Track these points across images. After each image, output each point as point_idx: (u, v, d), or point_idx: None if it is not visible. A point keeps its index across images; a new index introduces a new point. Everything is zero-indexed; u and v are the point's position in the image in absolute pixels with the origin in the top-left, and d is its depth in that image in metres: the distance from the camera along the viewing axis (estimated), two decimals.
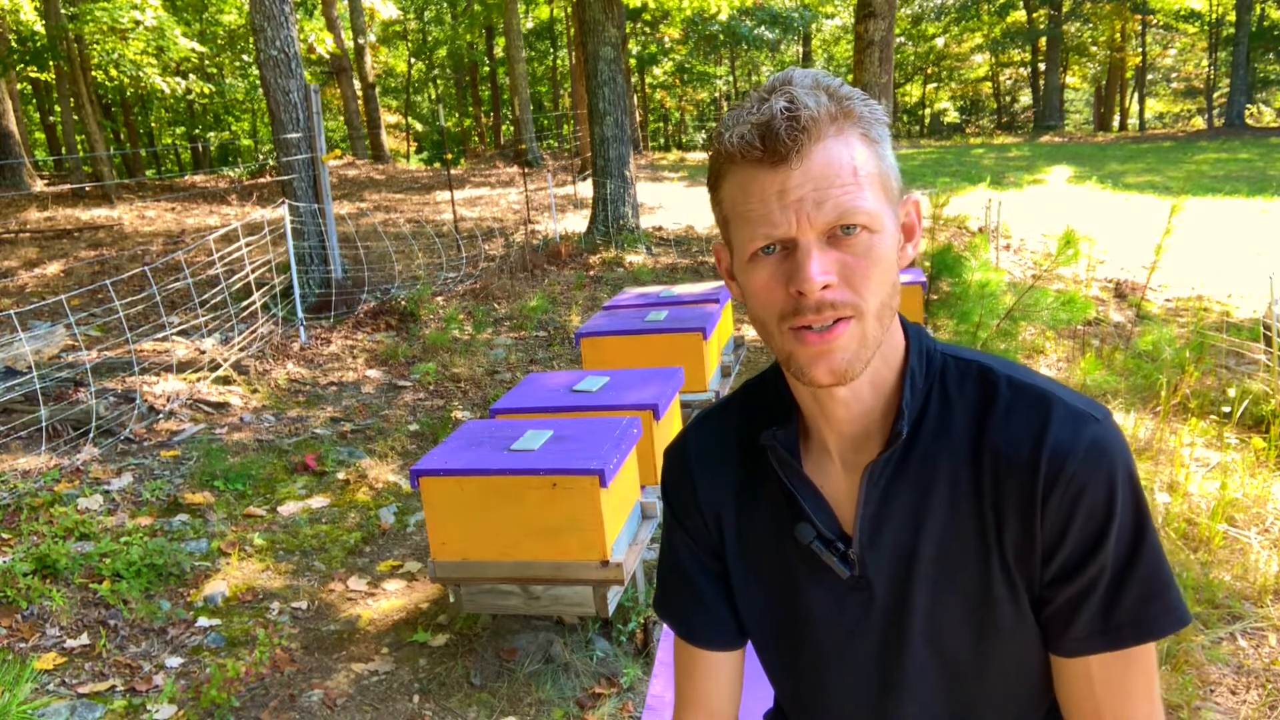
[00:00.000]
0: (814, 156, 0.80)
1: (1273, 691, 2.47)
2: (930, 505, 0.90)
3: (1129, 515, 0.85)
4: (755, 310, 0.87)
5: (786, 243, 0.82)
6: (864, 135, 0.84)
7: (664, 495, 1.09)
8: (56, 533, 3.68)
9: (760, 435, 0.97)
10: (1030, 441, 0.85)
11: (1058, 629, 0.88)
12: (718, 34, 25.44)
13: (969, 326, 4.92)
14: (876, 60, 6.80)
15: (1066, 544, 0.85)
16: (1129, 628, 0.85)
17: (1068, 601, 0.87)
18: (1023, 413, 0.87)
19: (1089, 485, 0.83)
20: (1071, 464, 0.83)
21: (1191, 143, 22.56)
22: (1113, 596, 0.85)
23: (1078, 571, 0.85)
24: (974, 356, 0.94)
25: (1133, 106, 35.64)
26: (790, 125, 0.80)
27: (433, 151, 25.31)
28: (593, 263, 9.15)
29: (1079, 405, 0.86)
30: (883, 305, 0.84)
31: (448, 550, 2.86)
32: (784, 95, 0.81)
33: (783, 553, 0.97)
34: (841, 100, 0.82)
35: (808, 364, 0.84)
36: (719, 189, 0.88)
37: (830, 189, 0.80)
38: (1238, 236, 9.91)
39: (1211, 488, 3.55)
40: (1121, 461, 0.84)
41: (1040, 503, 0.85)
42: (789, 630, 1.00)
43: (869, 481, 0.91)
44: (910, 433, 0.90)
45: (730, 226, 0.88)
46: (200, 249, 8.48)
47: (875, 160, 0.84)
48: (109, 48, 13.31)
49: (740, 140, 0.82)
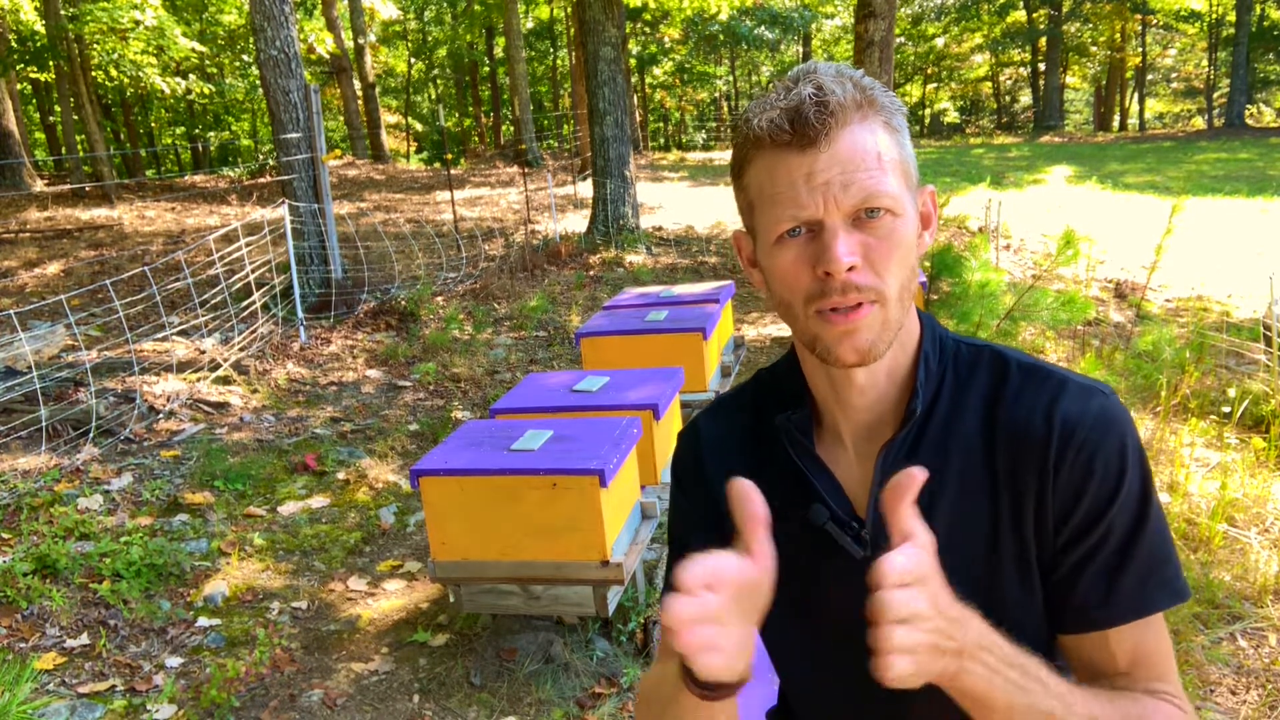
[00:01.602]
0: (841, 141, 0.83)
1: (1273, 691, 2.47)
2: (942, 485, 0.91)
3: (1136, 486, 0.88)
4: (780, 293, 0.89)
5: (813, 225, 0.84)
6: (886, 124, 0.86)
7: (673, 474, 1.11)
8: (56, 533, 3.68)
9: (774, 419, 0.99)
10: (1042, 415, 0.89)
11: (1059, 599, 0.90)
12: (718, 34, 25.42)
13: (969, 326, 4.92)
14: (876, 60, 6.80)
15: (1078, 510, 0.88)
16: (1128, 602, 0.88)
17: (1070, 569, 0.89)
18: (1033, 391, 0.91)
19: (1099, 452, 0.87)
20: (1082, 431, 0.87)
21: (1191, 143, 22.56)
22: (1115, 567, 0.88)
23: (1084, 537, 0.88)
24: (985, 343, 0.98)
25: (1133, 106, 35.65)
26: (819, 110, 0.82)
27: (433, 151, 25.31)
28: (593, 263, 9.15)
29: (1086, 382, 0.91)
30: (903, 288, 0.86)
31: (448, 550, 2.86)
32: (811, 82, 0.84)
33: (794, 536, 0.98)
34: (865, 89, 0.85)
35: (833, 344, 0.86)
36: (744, 174, 0.90)
37: (856, 172, 0.82)
38: (1238, 236, 9.91)
39: (1211, 488, 3.55)
40: (1130, 433, 0.88)
41: (1053, 471, 0.88)
42: (801, 613, 1.01)
43: (883, 461, 0.92)
44: (924, 414, 0.93)
45: (755, 211, 0.90)
46: (200, 249, 8.48)
47: (897, 148, 0.86)
48: (109, 48, 13.32)
49: (770, 124, 0.84)
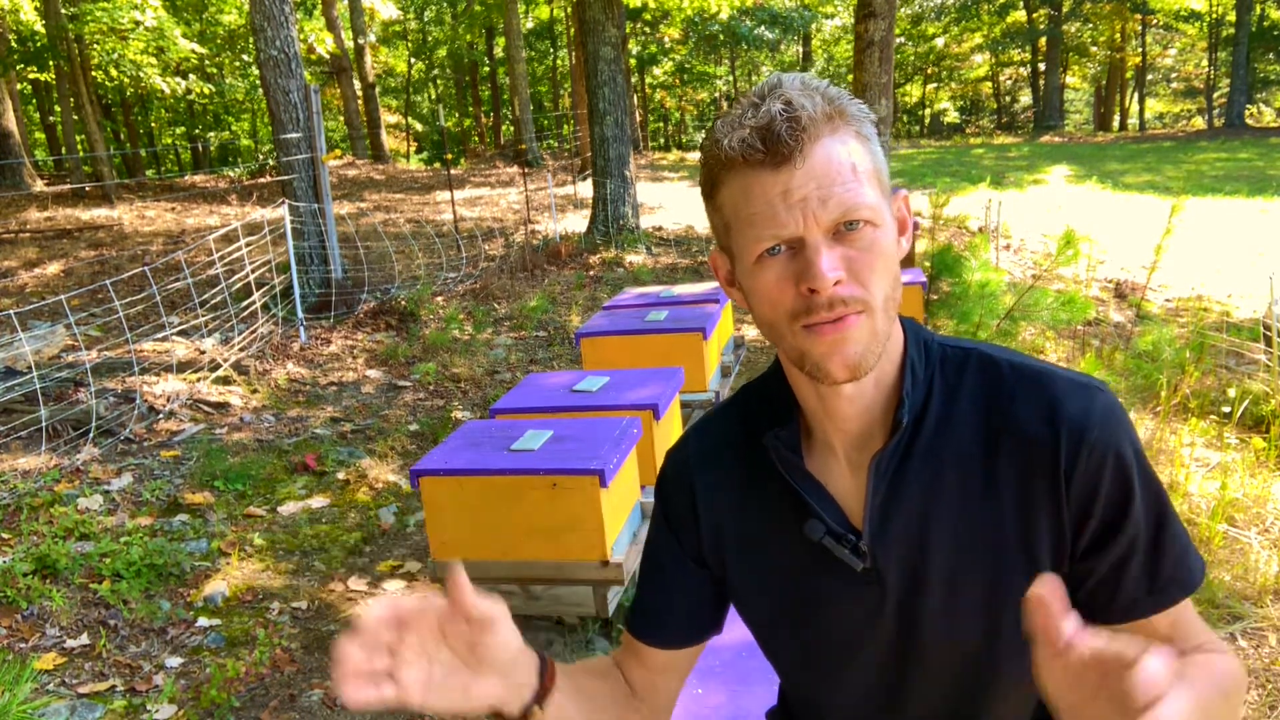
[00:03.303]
0: (814, 155, 0.81)
1: (1273, 691, 2.47)
2: (939, 493, 0.90)
3: (1149, 477, 0.87)
4: (764, 312, 0.87)
5: (793, 242, 0.83)
6: (858, 133, 0.85)
7: (658, 494, 1.09)
8: (56, 533, 3.68)
9: (763, 436, 0.97)
10: (1045, 418, 0.87)
11: (1104, 599, 0.89)
12: (718, 34, 25.45)
13: (969, 326, 4.92)
14: (876, 60, 6.79)
15: (1096, 511, 0.86)
16: (1174, 584, 0.87)
17: (1110, 570, 0.87)
18: (1029, 392, 0.89)
19: (1109, 451, 0.85)
20: (1091, 433, 0.85)
21: (1191, 143, 22.57)
22: (1153, 557, 0.87)
23: (1112, 538, 0.86)
24: (971, 345, 0.96)
25: (1133, 106, 35.65)
26: (791, 126, 0.80)
27: (433, 151, 25.30)
28: (593, 263, 9.15)
29: (1080, 379, 0.89)
30: (887, 298, 0.85)
31: (448, 550, 2.86)
32: (779, 98, 0.82)
33: (790, 552, 0.97)
34: (833, 100, 0.84)
35: (822, 359, 0.84)
36: (716, 195, 0.88)
37: (833, 186, 0.81)
38: (1238, 236, 9.91)
39: (1211, 488, 3.55)
40: (1127, 422, 0.88)
41: (1065, 473, 0.86)
42: (801, 626, 1.00)
43: (876, 472, 0.91)
44: (914, 422, 0.91)
45: (731, 231, 0.87)
46: (200, 249, 8.48)
47: (870, 157, 0.85)
48: (109, 48, 13.32)
49: (741, 144, 0.82)
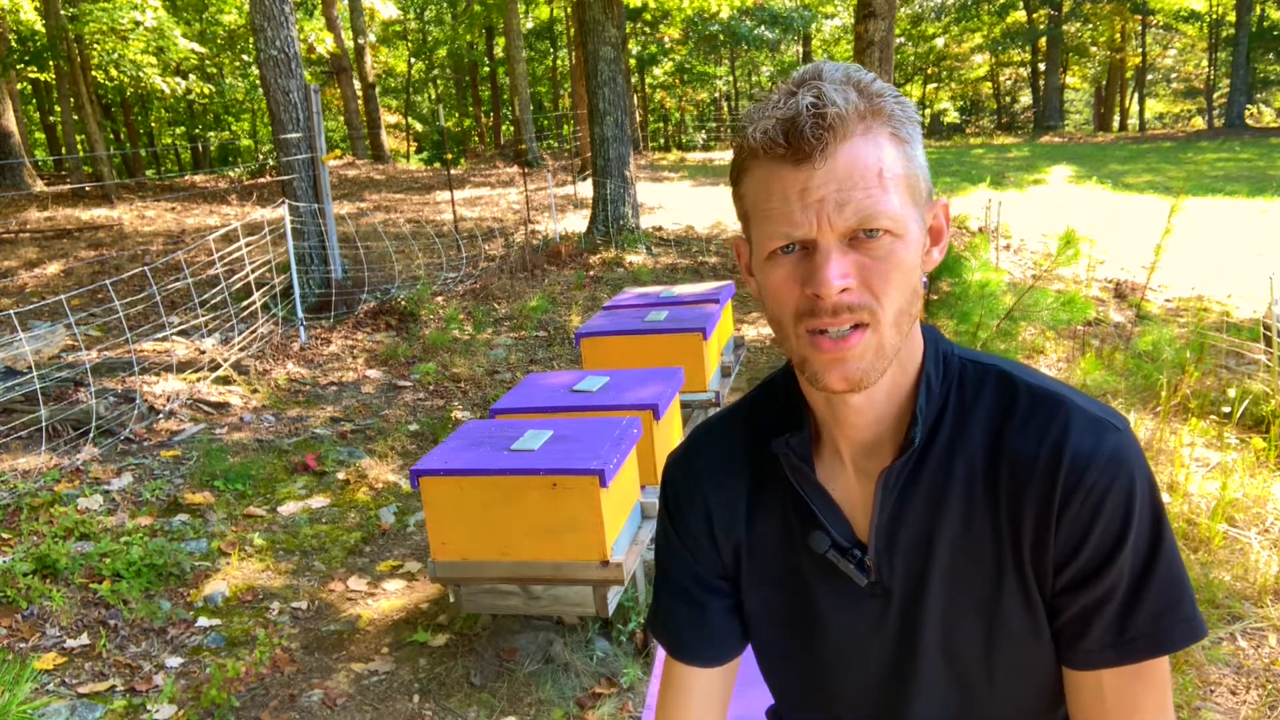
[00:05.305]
0: (839, 156, 0.78)
1: (1273, 691, 2.47)
2: (945, 511, 0.88)
3: (1146, 526, 0.83)
4: (772, 309, 0.85)
5: (806, 243, 0.80)
6: (893, 134, 0.81)
7: (665, 505, 1.05)
8: (56, 533, 3.68)
9: (772, 443, 0.95)
10: (1050, 448, 0.83)
11: (1069, 640, 0.87)
12: (718, 34, 25.41)
13: (969, 327, 4.91)
14: (876, 60, 6.79)
15: (1082, 553, 0.83)
16: (1143, 640, 0.83)
17: (1080, 612, 0.85)
18: (1042, 419, 0.85)
19: (1108, 495, 0.82)
20: (1092, 474, 0.81)
21: (1191, 143, 22.56)
22: (1127, 609, 0.83)
23: (1091, 582, 0.84)
24: (992, 361, 0.92)
25: (1133, 106, 35.64)
26: (815, 123, 0.77)
27: (433, 151, 25.27)
28: (593, 263, 9.15)
29: (1099, 413, 0.85)
30: (900, 312, 0.81)
31: (448, 550, 2.86)
32: (811, 90, 0.78)
33: (795, 560, 0.96)
34: (872, 97, 0.80)
35: (821, 370, 0.82)
36: (741, 183, 0.85)
37: (853, 191, 0.78)
38: (1238, 236, 9.90)
39: (1211, 488, 3.55)
40: (1140, 472, 0.83)
41: (1058, 510, 0.83)
42: (801, 637, 0.99)
43: (884, 488, 0.89)
44: (926, 439, 0.88)
45: (751, 222, 0.85)
46: (200, 249, 8.48)
47: (903, 161, 0.81)
48: (109, 48, 13.32)
49: (764, 136, 0.79)
